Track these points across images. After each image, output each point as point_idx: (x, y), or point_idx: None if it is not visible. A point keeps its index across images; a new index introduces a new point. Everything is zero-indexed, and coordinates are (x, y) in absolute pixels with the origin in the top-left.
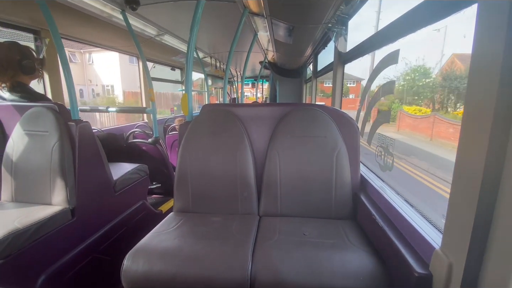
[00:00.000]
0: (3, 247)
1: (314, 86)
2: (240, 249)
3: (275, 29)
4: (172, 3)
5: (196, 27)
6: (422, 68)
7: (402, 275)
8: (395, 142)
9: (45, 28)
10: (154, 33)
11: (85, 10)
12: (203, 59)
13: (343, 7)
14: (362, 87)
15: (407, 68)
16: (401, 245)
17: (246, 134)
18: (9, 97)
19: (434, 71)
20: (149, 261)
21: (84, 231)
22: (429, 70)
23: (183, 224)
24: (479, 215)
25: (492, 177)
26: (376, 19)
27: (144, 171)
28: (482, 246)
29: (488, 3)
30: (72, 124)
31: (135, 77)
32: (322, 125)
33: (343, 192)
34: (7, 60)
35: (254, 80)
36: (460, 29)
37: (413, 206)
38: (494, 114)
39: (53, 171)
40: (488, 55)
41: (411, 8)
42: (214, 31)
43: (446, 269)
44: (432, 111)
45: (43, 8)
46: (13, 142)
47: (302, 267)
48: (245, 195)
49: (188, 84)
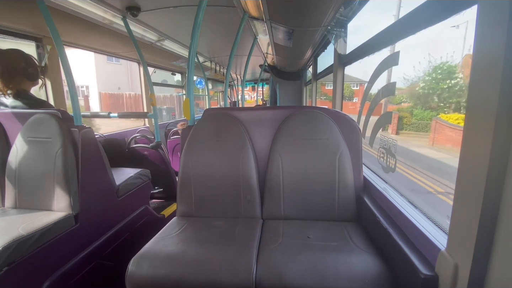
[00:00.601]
0: (7, 254)
1: (315, 88)
2: (244, 253)
3: (275, 33)
4: (172, 9)
5: (197, 32)
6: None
7: (408, 277)
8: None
9: (47, 35)
10: (155, 38)
11: (87, 17)
12: (203, 63)
13: (342, 9)
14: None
15: (429, 67)
16: (406, 247)
17: (248, 137)
18: (12, 104)
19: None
20: (153, 266)
21: (87, 237)
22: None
23: (187, 229)
24: (484, 215)
25: (496, 177)
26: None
27: (147, 176)
28: (487, 247)
29: (488, 3)
30: (75, 130)
31: (113, 78)
32: (324, 127)
33: (346, 194)
34: (14, 67)
35: (254, 83)
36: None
37: (417, 207)
38: (496, 115)
39: (56, 177)
40: (489, 55)
41: (411, 10)
42: (214, 36)
43: (452, 271)
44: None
45: (46, 16)
46: (16, 149)
47: (307, 270)
48: (248, 199)
49: (190, 89)
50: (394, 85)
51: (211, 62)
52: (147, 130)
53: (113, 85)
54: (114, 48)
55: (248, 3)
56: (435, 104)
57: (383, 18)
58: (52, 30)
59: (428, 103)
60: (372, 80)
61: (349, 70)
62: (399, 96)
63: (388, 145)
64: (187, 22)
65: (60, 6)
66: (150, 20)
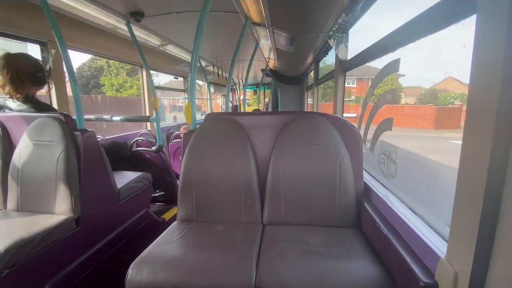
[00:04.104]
0: (9, 257)
1: (316, 93)
2: (244, 259)
3: (277, 38)
4: (175, 14)
5: (199, 37)
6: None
7: (408, 284)
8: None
9: (52, 39)
10: (158, 43)
11: (91, 22)
12: (205, 67)
13: (344, 16)
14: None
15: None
16: (406, 254)
17: (249, 142)
18: (16, 108)
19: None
20: (153, 270)
21: (88, 240)
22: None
23: (187, 233)
24: (483, 223)
25: (496, 183)
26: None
27: (148, 179)
28: (487, 255)
29: (488, 6)
30: (78, 134)
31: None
32: (324, 133)
33: (347, 200)
34: (23, 72)
35: (256, 87)
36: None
37: (418, 214)
38: (496, 119)
39: (59, 181)
40: (489, 55)
41: (412, 18)
42: (217, 41)
43: (452, 279)
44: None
45: (51, 20)
46: (19, 152)
47: (307, 276)
48: (248, 204)
49: (192, 93)
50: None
51: (214, 66)
52: (149, 133)
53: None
54: (117, 52)
55: (250, 9)
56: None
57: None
58: (56, 34)
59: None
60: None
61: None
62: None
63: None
64: (190, 28)
65: (65, 11)
66: (154, 25)
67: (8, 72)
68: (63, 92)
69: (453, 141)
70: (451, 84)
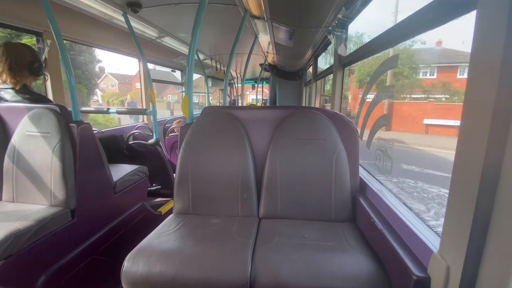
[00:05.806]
0: (4, 248)
1: (314, 88)
2: (240, 251)
3: (276, 32)
4: (173, 6)
5: (197, 29)
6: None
7: (401, 278)
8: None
9: (48, 30)
10: (155, 35)
11: (87, 12)
12: (203, 61)
13: (344, 11)
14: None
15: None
16: (399, 248)
17: (246, 136)
18: (12, 98)
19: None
20: (149, 262)
21: (84, 232)
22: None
23: (183, 226)
24: (476, 218)
25: (490, 180)
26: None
27: (144, 173)
28: (479, 250)
29: (487, 6)
30: (73, 126)
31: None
32: (322, 128)
33: (343, 195)
34: (21, 61)
35: (254, 82)
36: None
37: (411, 209)
38: (492, 116)
39: (54, 172)
40: (488, 54)
41: (411, 13)
42: (215, 34)
43: (444, 273)
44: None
45: (47, 10)
46: (15, 143)
47: (302, 269)
48: (245, 197)
49: (189, 86)
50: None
51: (212, 60)
52: (146, 126)
53: None
54: (114, 44)
55: (249, 2)
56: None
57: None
58: (52, 25)
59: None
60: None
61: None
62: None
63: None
64: (188, 20)
65: (61, 0)
66: (151, 16)
67: (7, 59)
68: (59, 83)
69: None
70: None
